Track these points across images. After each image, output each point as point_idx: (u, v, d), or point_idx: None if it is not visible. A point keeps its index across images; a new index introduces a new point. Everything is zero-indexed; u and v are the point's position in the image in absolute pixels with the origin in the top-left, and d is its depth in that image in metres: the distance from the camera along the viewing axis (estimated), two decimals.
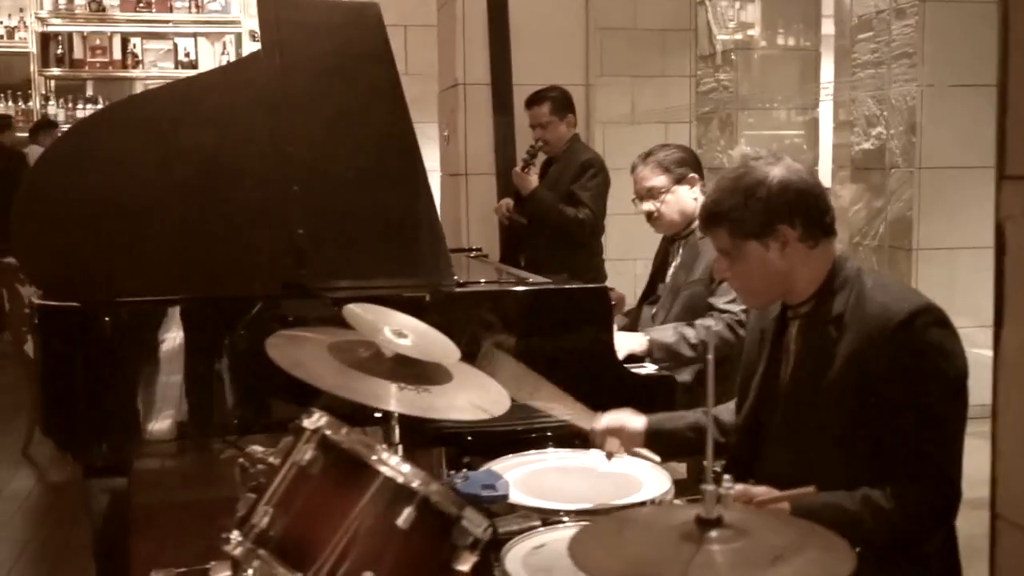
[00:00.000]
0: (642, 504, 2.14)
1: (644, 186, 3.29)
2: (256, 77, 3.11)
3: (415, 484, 1.67)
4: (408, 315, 2.20)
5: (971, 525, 1.92)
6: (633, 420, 2.27)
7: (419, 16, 6.79)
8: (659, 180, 3.26)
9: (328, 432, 1.71)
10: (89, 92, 9.25)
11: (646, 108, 8.30)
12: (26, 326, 4.77)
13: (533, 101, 4.62)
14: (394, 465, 1.68)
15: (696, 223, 3.28)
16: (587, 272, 4.32)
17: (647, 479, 2.31)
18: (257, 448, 1.99)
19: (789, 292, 2.03)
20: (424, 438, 2.71)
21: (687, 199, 3.28)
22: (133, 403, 2.67)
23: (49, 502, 4.45)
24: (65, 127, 8.42)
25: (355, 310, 2.17)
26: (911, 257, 5.23)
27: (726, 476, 1.52)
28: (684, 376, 3.09)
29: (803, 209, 1.95)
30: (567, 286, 2.97)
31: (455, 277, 2.84)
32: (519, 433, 2.76)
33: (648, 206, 3.29)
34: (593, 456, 2.42)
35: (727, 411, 2.31)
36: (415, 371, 2.07)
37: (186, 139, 2.95)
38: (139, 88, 9.42)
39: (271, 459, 1.93)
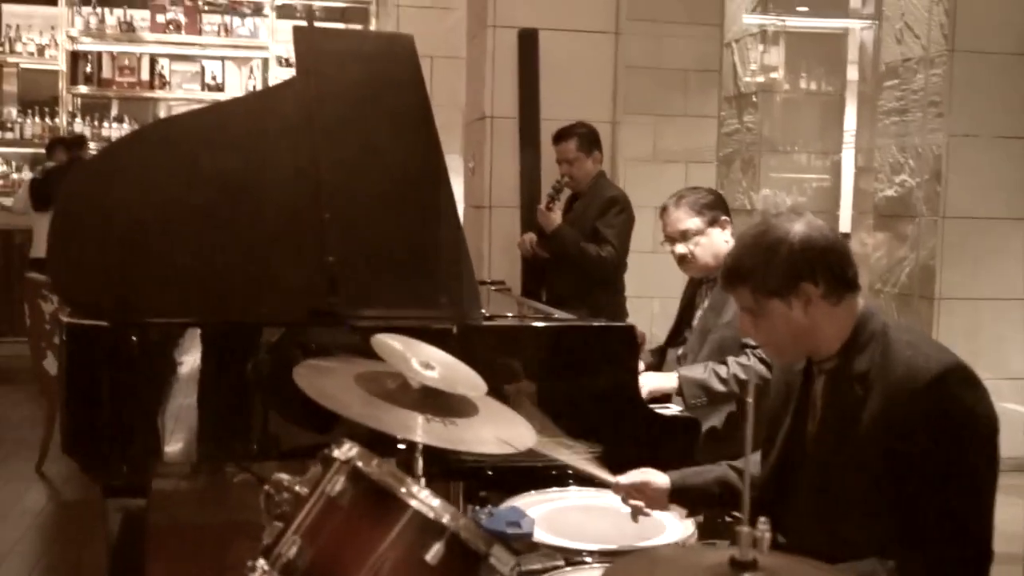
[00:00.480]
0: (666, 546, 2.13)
1: (678, 228, 3.23)
2: (287, 104, 3.14)
3: (445, 519, 1.66)
4: (435, 347, 2.20)
5: None
6: (657, 477, 2.26)
7: (445, 48, 6.84)
8: (693, 223, 3.22)
9: (359, 463, 1.71)
10: (115, 111, 9.33)
11: (667, 147, 8.34)
12: (45, 342, 4.79)
13: (560, 137, 4.63)
14: (424, 499, 1.68)
15: None
16: (608, 308, 4.33)
17: (669, 522, 2.30)
18: (284, 476, 1.98)
19: (815, 349, 2.01)
20: (443, 471, 2.69)
21: (720, 242, 3.24)
22: (157, 424, 2.66)
23: (62, 520, 4.44)
24: (92, 144, 8.51)
25: (384, 340, 2.17)
26: (933, 307, 5.21)
27: (762, 519, 1.50)
28: (712, 421, 3.07)
29: (825, 266, 1.93)
30: (594, 323, 2.96)
31: (482, 311, 2.84)
32: (538, 470, 2.74)
33: (681, 248, 3.23)
34: (615, 496, 2.41)
35: (753, 464, 2.29)
36: (441, 403, 2.07)
37: (209, 162, 2.97)
38: (164, 109, 9.51)
39: (297, 487, 1.93)
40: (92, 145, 8.26)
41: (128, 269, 2.80)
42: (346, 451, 1.76)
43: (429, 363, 2.11)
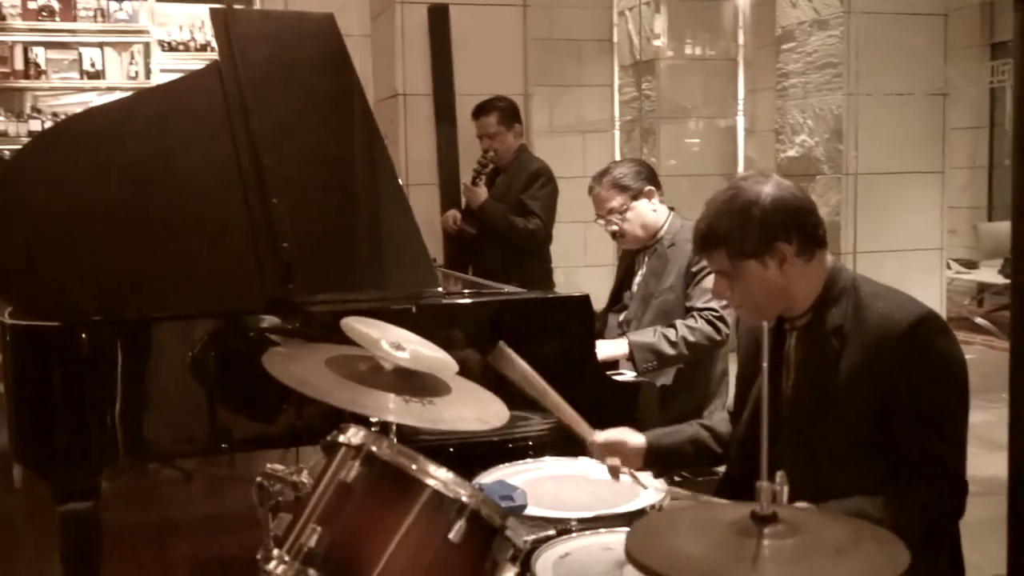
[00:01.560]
0: (643, 511, 2.17)
1: (604, 207, 3.34)
2: (204, 90, 3.07)
3: (464, 496, 1.66)
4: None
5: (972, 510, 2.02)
6: (633, 437, 2.30)
7: (347, 26, 6.72)
8: (617, 200, 3.31)
9: (373, 447, 1.69)
10: None
11: (564, 118, 8.40)
12: None
13: (481, 111, 4.63)
14: (440, 477, 1.68)
15: (662, 233, 3.34)
16: (538, 280, 4.37)
17: (645, 483, 2.34)
18: (278, 467, 1.95)
19: (789, 306, 2.07)
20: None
21: (647, 212, 3.34)
22: (111, 424, 2.58)
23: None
24: None
25: (353, 323, 2.15)
26: (840, 261, 5.38)
27: (779, 472, 1.54)
28: (662, 380, 3.14)
29: (798, 225, 1.98)
30: (552, 295, 2.98)
31: (439, 288, 2.84)
32: (498, 444, 2.77)
33: (611, 226, 3.33)
34: (583, 464, 2.45)
35: (723, 422, 2.36)
36: (415, 384, 2.07)
37: (115, 155, 2.89)
38: (42, 99, 9.12)
39: (295, 477, 1.90)
40: None
41: (66, 267, 2.71)
42: (355, 435, 1.74)
43: (399, 344, 2.10)
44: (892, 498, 1.91)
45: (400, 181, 5.12)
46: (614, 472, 2.29)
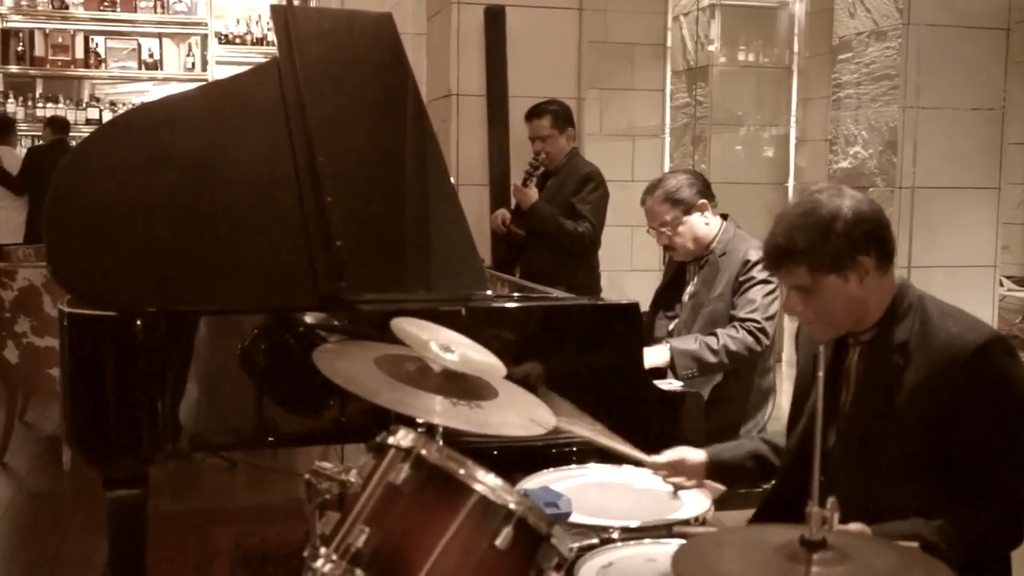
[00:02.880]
0: (686, 521, 2.16)
1: (656, 220, 3.33)
2: (263, 85, 3.09)
3: (511, 503, 1.67)
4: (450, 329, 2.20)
5: None
6: (692, 453, 2.30)
7: (402, 25, 6.76)
8: (669, 214, 3.30)
9: (423, 451, 1.70)
10: (39, 90, 9.05)
11: (614, 122, 8.37)
12: (6, 331, 4.66)
13: (533, 114, 4.63)
14: (488, 483, 1.68)
15: (714, 244, 3.32)
16: (584, 284, 4.37)
17: (686, 496, 2.34)
18: (326, 464, 1.97)
19: (861, 320, 2.05)
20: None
21: (699, 226, 3.32)
22: (163, 414, 2.62)
23: (33, 512, 4.33)
24: (24, 125, 8.27)
25: (403, 324, 2.16)
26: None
27: (831, 498, 1.53)
28: (702, 389, 3.13)
29: (877, 238, 1.97)
30: (600, 302, 2.98)
31: (488, 291, 2.84)
32: (539, 450, 2.77)
33: (663, 240, 3.34)
34: (628, 472, 2.44)
35: (780, 436, 2.34)
36: (462, 387, 2.08)
37: (168, 144, 2.91)
38: (100, 87, 9.28)
39: (343, 476, 1.92)
40: (24, 126, 8.04)
41: (124, 257, 2.74)
42: (404, 438, 1.75)
43: (448, 346, 2.11)
44: (949, 521, 1.89)
45: (451, 181, 5.17)
46: (678, 488, 2.29)
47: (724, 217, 3.39)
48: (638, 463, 2.34)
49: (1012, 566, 2.06)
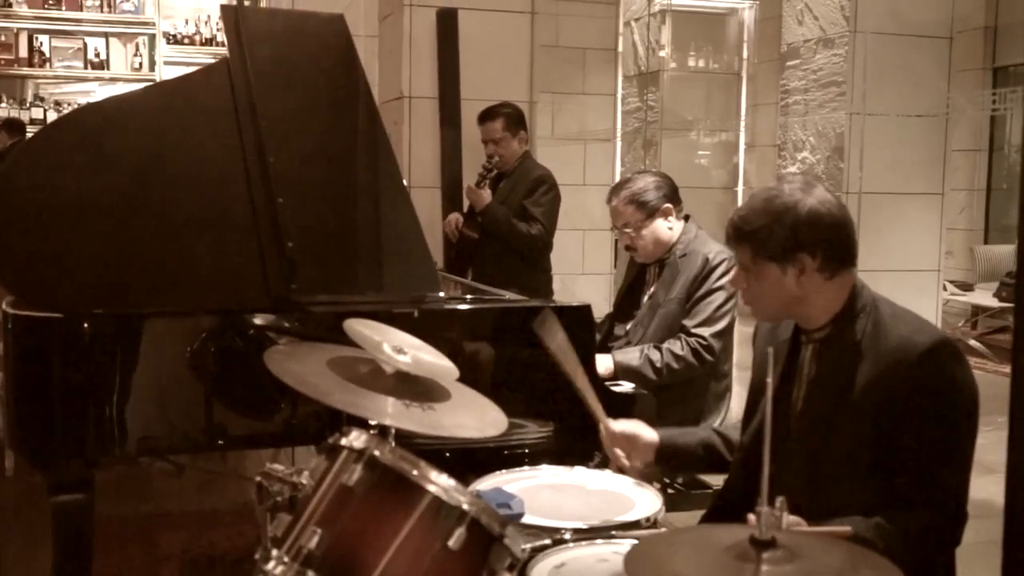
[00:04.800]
0: (637, 523, 2.17)
1: (619, 221, 3.35)
2: (212, 86, 3.07)
3: (464, 503, 1.67)
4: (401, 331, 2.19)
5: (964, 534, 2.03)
6: (646, 431, 2.32)
7: (353, 27, 6.73)
8: (632, 216, 3.32)
9: (376, 452, 1.69)
10: None
11: (566, 126, 8.41)
12: None
13: (486, 117, 4.64)
14: (442, 483, 1.68)
15: (677, 247, 3.35)
16: (537, 287, 4.39)
17: (637, 497, 2.35)
18: (278, 466, 1.95)
19: (802, 317, 2.09)
20: None
21: (662, 230, 3.34)
22: (110, 417, 2.58)
23: None
24: None
25: (356, 325, 2.15)
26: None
27: (779, 498, 1.55)
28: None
29: (826, 242, 2.00)
30: (554, 304, 2.99)
31: (441, 293, 2.84)
32: (493, 451, 2.77)
33: (624, 238, 3.36)
34: (580, 473, 2.45)
35: (733, 429, 2.37)
36: (415, 389, 2.07)
37: (120, 146, 2.88)
38: (44, 87, 9.14)
39: (295, 478, 1.91)
40: None
41: (58, 258, 2.70)
42: (357, 439, 1.74)
43: (401, 348, 2.11)
44: (887, 521, 1.91)
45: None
46: (615, 467, 2.31)
47: (687, 219, 3.42)
48: (598, 420, 2.34)
49: (957, 567, 2.10)
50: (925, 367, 1.92)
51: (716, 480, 2.65)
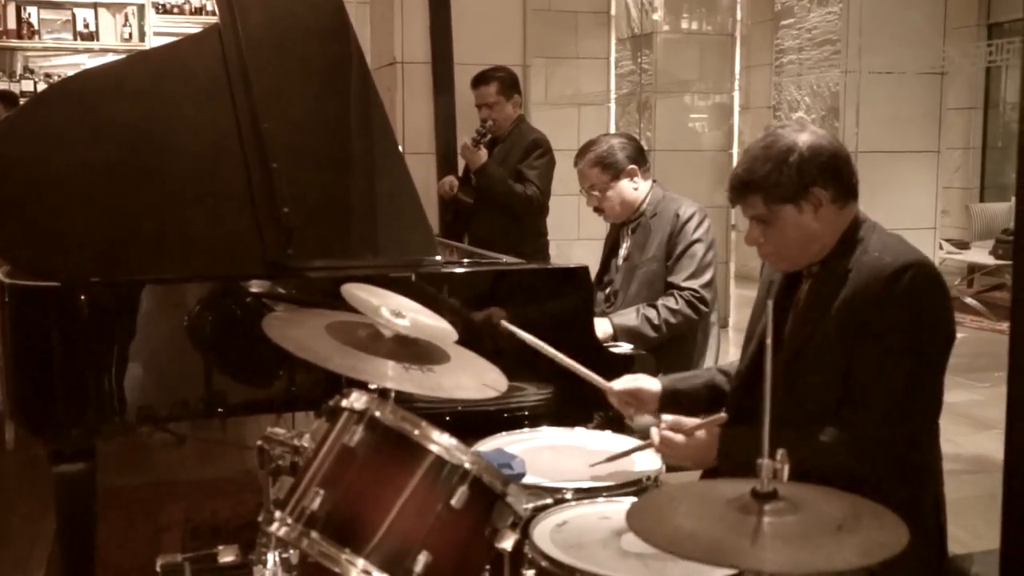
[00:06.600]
0: (638, 481, 2.18)
1: (585, 182, 3.38)
2: (203, 54, 3.04)
3: (466, 462, 1.67)
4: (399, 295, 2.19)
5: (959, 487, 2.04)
6: (649, 382, 2.34)
7: None
8: (598, 178, 3.35)
9: (377, 412, 1.70)
10: None
11: (559, 90, 8.37)
12: None
13: (480, 81, 4.61)
14: (444, 443, 1.68)
15: (644, 207, 3.36)
16: (532, 252, 4.37)
17: (638, 456, 2.36)
18: (279, 430, 1.96)
19: (817, 253, 2.08)
20: None
21: (627, 191, 3.37)
22: (109, 385, 2.58)
23: None
24: None
25: (354, 289, 2.15)
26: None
27: (780, 450, 1.54)
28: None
29: (834, 171, 2.01)
30: (551, 266, 2.99)
31: (438, 256, 2.83)
32: (493, 414, 2.77)
33: (592, 200, 3.39)
34: (580, 434, 2.46)
35: (734, 365, 2.39)
36: (414, 352, 2.07)
37: (109, 115, 2.86)
38: (33, 59, 9.06)
39: (296, 441, 1.92)
40: None
41: (53, 228, 2.69)
42: (358, 400, 1.74)
43: (399, 311, 2.10)
44: (803, 433, 1.93)
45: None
46: (628, 418, 2.38)
47: (653, 182, 3.44)
48: (597, 386, 2.37)
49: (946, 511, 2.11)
50: (892, 281, 1.94)
51: None
